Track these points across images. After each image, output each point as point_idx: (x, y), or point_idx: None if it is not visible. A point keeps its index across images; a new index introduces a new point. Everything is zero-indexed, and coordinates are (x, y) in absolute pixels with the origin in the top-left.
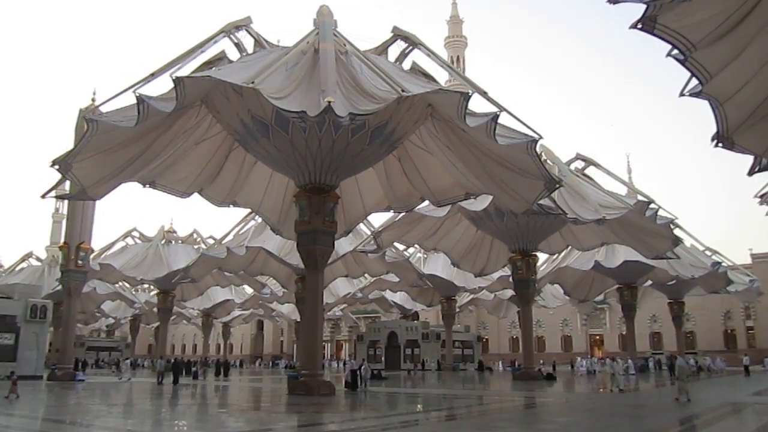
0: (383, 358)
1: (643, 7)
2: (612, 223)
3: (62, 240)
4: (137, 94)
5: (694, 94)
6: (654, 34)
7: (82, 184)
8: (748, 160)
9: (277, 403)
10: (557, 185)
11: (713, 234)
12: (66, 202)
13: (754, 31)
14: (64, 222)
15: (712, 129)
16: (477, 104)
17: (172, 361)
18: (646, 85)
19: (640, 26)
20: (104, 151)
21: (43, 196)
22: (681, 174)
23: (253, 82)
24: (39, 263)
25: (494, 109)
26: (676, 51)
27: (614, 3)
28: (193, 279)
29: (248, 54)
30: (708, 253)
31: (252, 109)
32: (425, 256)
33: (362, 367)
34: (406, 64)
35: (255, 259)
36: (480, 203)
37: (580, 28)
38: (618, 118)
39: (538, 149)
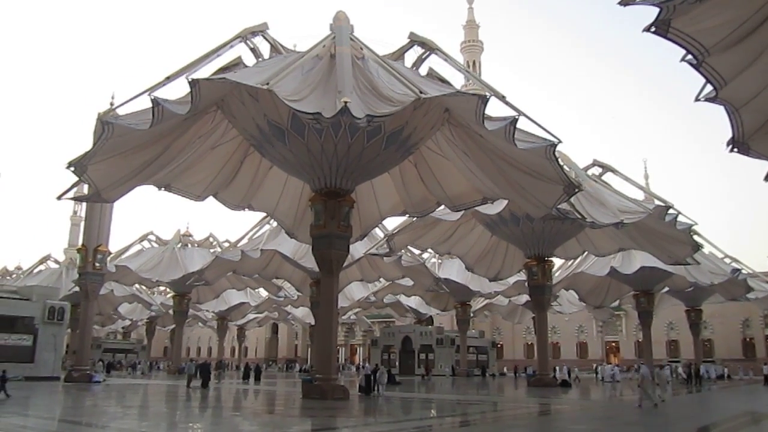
0: (397, 363)
1: (656, 10)
2: (630, 228)
3: (80, 242)
4: (152, 97)
5: (710, 99)
6: (667, 38)
7: (96, 187)
8: (766, 165)
9: (291, 406)
10: (576, 189)
11: (732, 241)
12: (84, 204)
13: None
14: (82, 224)
15: (729, 134)
16: (494, 109)
17: (193, 362)
18: (662, 90)
19: (653, 29)
20: (120, 154)
21: (59, 198)
22: (699, 180)
23: (267, 84)
24: (57, 265)
25: (511, 113)
26: (690, 56)
27: (625, 5)
28: (207, 281)
29: (264, 59)
30: (727, 260)
31: (268, 113)
32: (440, 261)
33: (378, 372)
34: (423, 70)
35: (270, 263)
36: (493, 207)
37: (595, 34)
38: (634, 124)
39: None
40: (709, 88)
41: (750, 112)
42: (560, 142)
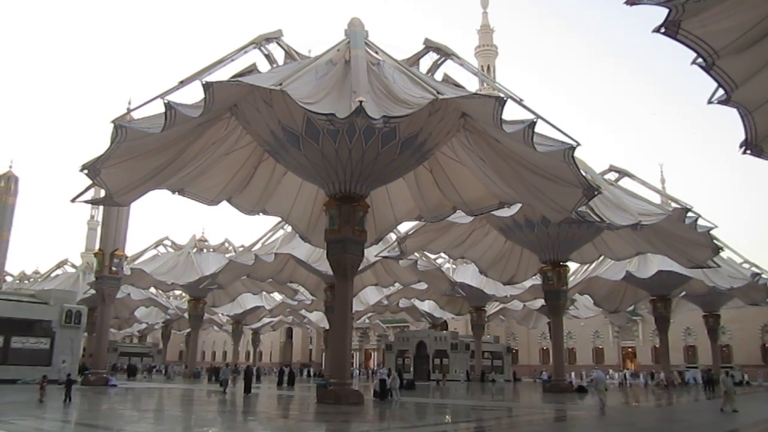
0: (412, 368)
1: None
2: (648, 232)
3: (97, 247)
4: (165, 101)
5: (722, 102)
6: (677, 40)
7: (110, 190)
8: None
9: (305, 411)
10: (596, 192)
11: (750, 246)
12: (101, 209)
13: None
14: (99, 229)
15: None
16: (511, 113)
17: (228, 367)
18: (678, 92)
19: (662, 31)
20: (133, 158)
21: (72, 201)
22: (716, 183)
23: (281, 84)
24: (74, 270)
25: (528, 117)
26: (700, 59)
27: (631, 5)
28: (220, 285)
29: (279, 66)
30: (746, 265)
31: (282, 119)
32: (454, 266)
33: (390, 377)
34: (438, 76)
35: (284, 267)
36: (507, 210)
37: (609, 37)
38: (650, 127)
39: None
40: (722, 90)
41: (763, 114)
42: (579, 144)
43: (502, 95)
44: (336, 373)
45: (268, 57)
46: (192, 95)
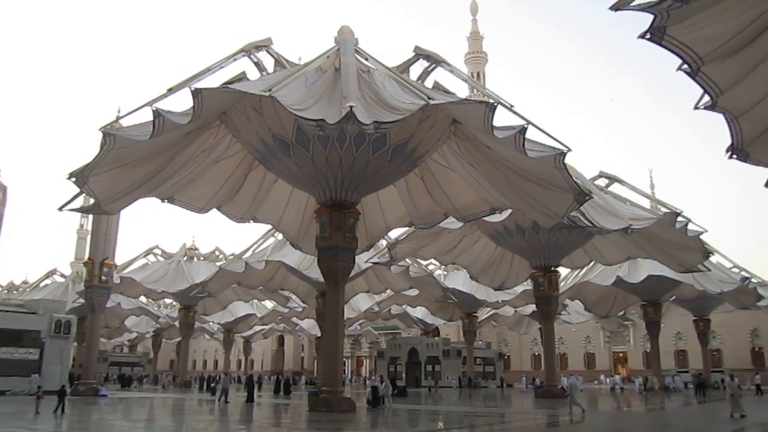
0: (404, 375)
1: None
2: (638, 236)
3: (86, 256)
4: (154, 108)
5: (709, 108)
6: (662, 46)
7: (97, 198)
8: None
9: (297, 419)
10: (587, 197)
11: (740, 250)
12: (91, 218)
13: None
14: (88, 238)
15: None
16: (501, 120)
17: (228, 376)
18: (667, 97)
19: (648, 36)
20: (122, 166)
21: (60, 209)
22: (705, 188)
23: (270, 90)
24: (63, 279)
25: (519, 122)
26: (685, 65)
27: (616, 10)
28: (211, 293)
29: (268, 73)
30: (735, 270)
31: (272, 127)
32: (446, 272)
33: (383, 384)
34: (428, 83)
35: (275, 275)
36: (497, 216)
37: (599, 43)
38: (639, 133)
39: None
40: (708, 96)
41: (749, 120)
42: (570, 150)
43: (492, 102)
44: (328, 380)
45: (258, 65)
46: (181, 103)
